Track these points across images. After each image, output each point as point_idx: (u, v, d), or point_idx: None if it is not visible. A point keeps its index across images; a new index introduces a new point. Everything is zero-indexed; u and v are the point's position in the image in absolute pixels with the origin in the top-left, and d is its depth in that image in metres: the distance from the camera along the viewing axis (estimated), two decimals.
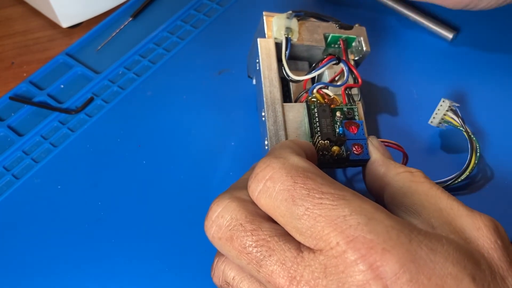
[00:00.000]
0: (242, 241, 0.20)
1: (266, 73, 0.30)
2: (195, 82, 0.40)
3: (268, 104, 0.29)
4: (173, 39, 0.43)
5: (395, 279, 0.17)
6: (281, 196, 0.20)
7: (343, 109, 0.29)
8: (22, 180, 0.35)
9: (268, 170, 0.20)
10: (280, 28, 0.32)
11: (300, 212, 0.19)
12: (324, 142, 0.28)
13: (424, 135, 0.36)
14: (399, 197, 0.22)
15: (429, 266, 0.17)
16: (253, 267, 0.19)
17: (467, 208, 0.21)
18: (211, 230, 0.21)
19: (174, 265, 0.31)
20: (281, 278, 0.19)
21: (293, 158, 0.21)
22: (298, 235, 0.19)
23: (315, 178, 0.20)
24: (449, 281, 0.17)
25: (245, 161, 0.35)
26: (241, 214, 0.20)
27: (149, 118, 0.38)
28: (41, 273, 0.31)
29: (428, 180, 0.23)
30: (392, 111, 0.38)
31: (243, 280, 0.21)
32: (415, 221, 0.21)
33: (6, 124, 0.38)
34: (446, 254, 0.18)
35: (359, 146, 0.27)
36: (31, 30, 0.46)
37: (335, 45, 0.34)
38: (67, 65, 0.42)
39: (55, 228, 0.32)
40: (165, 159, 0.36)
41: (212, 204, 0.22)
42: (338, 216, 0.18)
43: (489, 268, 0.18)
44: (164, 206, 0.33)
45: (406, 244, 0.18)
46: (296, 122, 0.29)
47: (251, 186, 0.21)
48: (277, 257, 0.19)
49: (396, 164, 0.25)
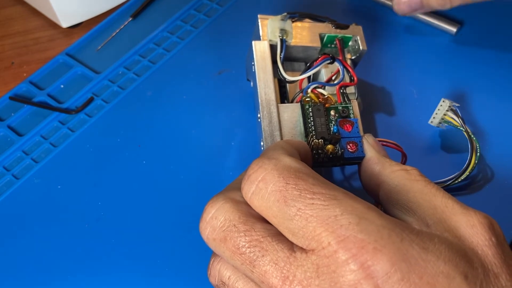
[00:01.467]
0: (235, 242, 0.20)
1: (261, 75, 0.31)
2: (195, 82, 0.40)
3: (263, 105, 0.29)
4: (173, 39, 0.43)
5: (386, 278, 0.17)
6: (273, 197, 0.20)
7: (337, 108, 0.29)
8: (22, 180, 0.35)
9: (261, 172, 0.21)
10: (275, 30, 0.32)
11: (292, 213, 0.19)
12: (318, 141, 0.28)
13: (424, 135, 0.36)
14: (394, 195, 0.23)
15: (421, 265, 0.17)
16: (247, 267, 0.20)
17: (462, 205, 0.21)
18: (206, 231, 0.21)
19: (174, 265, 0.31)
20: (274, 278, 0.19)
21: (285, 159, 0.21)
22: (291, 236, 0.20)
23: (306, 178, 0.20)
24: (441, 279, 0.17)
25: (245, 161, 0.36)
26: (235, 215, 0.21)
27: (149, 118, 0.38)
28: (41, 273, 0.31)
29: (424, 178, 0.23)
30: (392, 111, 0.38)
31: (239, 280, 0.21)
32: (410, 219, 0.21)
33: (6, 124, 0.38)
34: (438, 253, 0.18)
35: (353, 144, 0.27)
36: (31, 30, 0.46)
37: (331, 45, 0.34)
38: (67, 65, 0.42)
39: (55, 228, 0.32)
40: (165, 159, 0.36)
41: (207, 206, 0.22)
42: (329, 216, 0.19)
43: (482, 265, 0.18)
44: (164, 206, 0.33)
45: (398, 243, 0.18)
46: (292, 122, 0.29)
47: (244, 188, 0.21)
48: (270, 257, 0.19)
49: (392, 162, 0.25)
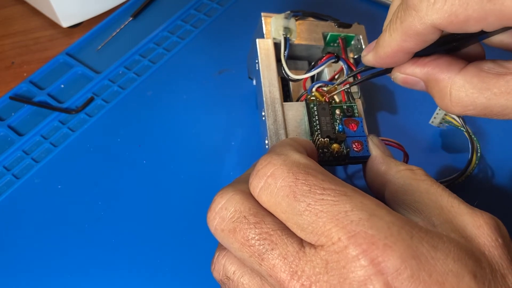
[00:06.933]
0: (245, 233, 0.20)
1: (265, 73, 0.31)
2: (195, 82, 0.40)
3: (268, 103, 0.29)
4: (173, 38, 0.43)
5: (396, 275, 0.17)
6: (283, 192, 0.20)
7: (342, 107, 0.29)
8: (22, 180, 0.35)
9: (270, 167, 0.20)
10: (278, 28, 0.32)
11: (302, 208, 0.19)
12: (324, 139, 0.28)
13: (425, 135, 0.36)
14: (400, 194, 0.22)
15: (430, 263, 0.17)
16: (255, 260, 0.19)
17: (468, 206, 0.21)
18: (214, 221, 0.21)
19: (174, 264, 0.31)
20: (283, 272, 0.19)
21: (294, 155, 0.21)
22: (300, 231, 0.19)
23: (316, 174, 0.20)
24: (450, 278, 0.17)
25: (245, 160, 0.36)
26: (245, 207, 0.20)
27: (149, 117, 0.38)
28: (41, 272, 0.31)
29: (429, 178, 0.23)
30: (393, 110, 0.38)
31: (244, 275, 0.21)
32: (416, 219, 0.21)
33: (7, 123, 0.38)
34: (447, 251, 0.18)
35: (359, 143, 0.27)
36: (31, 30, 0.46)
37: (334, 44, 0.34)
38: (67, 64, 0.42)
39: (55, 227, 0.32)
40: (165, 158, 0.36)
41: (216, 196, 0.22)
42: (339, 212, 0.18)
43: (489, 266, 0.18)
44: (164, 206, 0.33)
45: (408, 240, 0.18)
46: (296, 121, 0.29)
47: (253, 183, 0.21)
48: (279, 251, 0.19)
49: (397, 162, 0.25)
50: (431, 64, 0.22)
